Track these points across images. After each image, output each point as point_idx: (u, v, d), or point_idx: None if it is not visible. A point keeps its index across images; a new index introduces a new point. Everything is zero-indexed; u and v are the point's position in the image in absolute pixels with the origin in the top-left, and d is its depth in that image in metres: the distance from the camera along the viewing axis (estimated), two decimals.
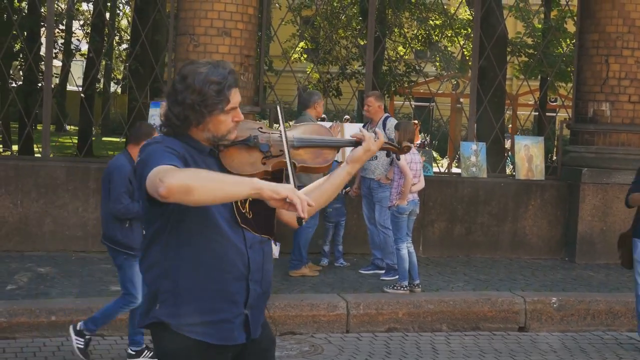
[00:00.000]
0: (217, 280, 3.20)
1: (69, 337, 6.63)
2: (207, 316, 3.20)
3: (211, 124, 3.19)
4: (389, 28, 21.19)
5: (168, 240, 3.18)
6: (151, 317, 3.23)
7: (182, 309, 3.18)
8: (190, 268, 3.18)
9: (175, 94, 3.18)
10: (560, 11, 19.40)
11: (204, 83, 3.14)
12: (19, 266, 8.98)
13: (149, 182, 2.95)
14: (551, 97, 25.71)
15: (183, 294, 3.18)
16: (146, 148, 3.14)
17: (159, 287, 3.21)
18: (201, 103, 3.14)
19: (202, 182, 2.89)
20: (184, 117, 3.17)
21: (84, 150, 11.72)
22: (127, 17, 31.10)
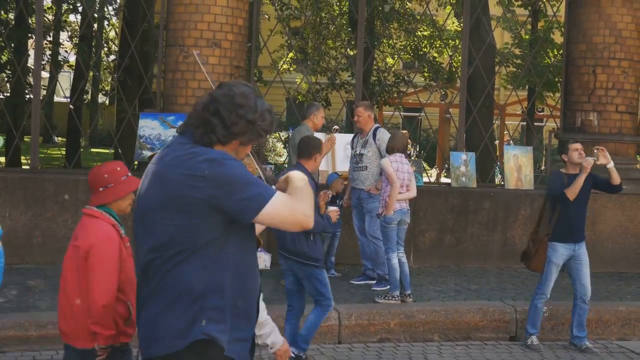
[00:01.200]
0: (248, 298, 3.23)
1: (58, 351, 6.58)
2: (238, 333, 3.21)
3: (242, 149, 3.24)
4: (377, 39, 21.24)
5: (216, 254, 3.12)
6: (197, 333, 3.14)
7: (231, 323, 3.17)
8: (232, 285, 3.17)
9: (233, 105, 3.16)
10: (547, 22, 19.51)
11: (264, 109, 3.20)
12: (8, 279, 8.89)
13: (277, 212, 3.04)
14: (538, 107, 25.82)
15: (228, 311, 3.16)
16: (225, 160, 3.08)
17: (204, 303, 3.14)
18: (262, 126, 3.19)
19: (309, 198, 3.14)
20: (237, 132, 3.17)
21: (73, 162, 11.68)
22: (115, 29, 31.07)
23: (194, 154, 3.12)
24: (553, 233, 7.93)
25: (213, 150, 3.14)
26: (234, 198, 3.03)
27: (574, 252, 7.98)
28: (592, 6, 11.54)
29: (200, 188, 3.06)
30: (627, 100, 11.56)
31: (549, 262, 7.94)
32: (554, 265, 7.94)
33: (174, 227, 3.13)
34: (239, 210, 3.04)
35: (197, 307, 3.14)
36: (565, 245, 7.95)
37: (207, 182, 3.05)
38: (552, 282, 7.99)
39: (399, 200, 8.69)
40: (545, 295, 8.02)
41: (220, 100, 3.17)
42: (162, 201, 3.12)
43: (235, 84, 3.24)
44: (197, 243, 3.12)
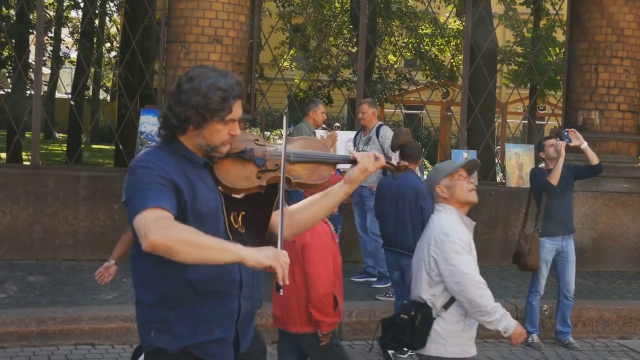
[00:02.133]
0: (212, 301, 3.16)
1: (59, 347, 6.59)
2: (204, 336, 3.17)
3: (207, 130, 3.12)
4: (379, 36, 21.22)
5: (157, 261, 3.05)
6: (147, 344, 3.19)
7: (178, 332, 3.14)
8: (181, 290, 3.12)
9: (179, 93, 3.12)
10: (549, 20, 19.47)
11: (210, 88, 3.10)
12: (8, 275, 8.92)
13: (135, 225, 2.92)
14: (540, 105, 25.79)
15: (178, 317, 3.14)
16: (137, 169, 3.05)
17: (154, 314, 3.16)
18: (204, 106, 3.09)
19: (186, 246, 2.86)
20: (185, 118, 3.11)
21: (74, 158, 11.66)
22: (116, 25, 31.05)
23: (134, 159, 3.15)
24: (541, 229, 7.96)
25: (144, 156, 3.11)
26: (127, 209, 3.01)
27: (561, 247, 8.00)
28: (594, 4, 11.51)
29: (124, 196, 3.08)
30: (629, 98, 11.54)
31: (541, 260, 7.96)
32: (543, 262, 7.99)
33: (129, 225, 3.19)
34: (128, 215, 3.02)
35: (147, 316, 3.19)
36: (553, 240, 7.98)
37: (124, 189, 3.07)
38: (544, 279, 8.02)
39: None
40: (538, 292, 8.05)
41: (172, 94, 3.17)
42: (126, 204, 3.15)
43: (189, 70, 3.21)
44: (136, 250, 3.13)
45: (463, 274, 4.39)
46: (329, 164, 3.35)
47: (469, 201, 4.60)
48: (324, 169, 3.34)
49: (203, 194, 3.12)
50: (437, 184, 4.62)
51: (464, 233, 4.51)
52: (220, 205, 3.19)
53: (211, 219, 3.13)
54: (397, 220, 7.57)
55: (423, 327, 4.48)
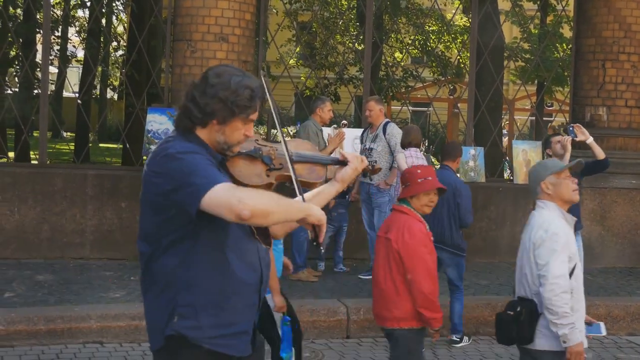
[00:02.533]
0: (238, 292, 3.19)
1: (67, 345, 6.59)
2: (228, 329, 3.19)
3: (229, 127, 3.17)
4: (386, 33, 21.19)
5: (189, 250, 3.11)
6: (169, 329, 3.16)
7: (203, 321, 3.15)
8: (209, 280, 3.14)
9: (206, 86, 3.15)
10: (556, 16, 19.43)
11: (239, 85, 3.15)
12: (17, 274, 8.95)
13: (216, 198, 2.90)
14: (547, 102, 25.73)
15: (203, 306, 3.14)
16: (182, 154, 3.05)
17: (177, 300, 3.15)
18: (234, 102, 3.13)
19: (277, 207, 2.96)
20: (210, 111, 3.14)
21: (81, 157, 11.68)
22: (123, 23, 31.07)
23: (161, 150, 3.13)
24: None
25: (177, 144, 3.12)
26: (180, 191, 3.00)
27: None
28: (601, 0, 11.48)
29: (158, 185, 3.07)
30: (637, 94, 11.50)
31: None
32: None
33: (150, 222, 3.18)
34: (183, 201, 3.00)
35: (173, 302, 3.16)
36: None
37: (162, 178, 3.06)
38: None
39: None
40: None
41: (195, 85, 3.19)
42: (141, 197, 3.17)
43: (216, 66, 3.25)
44: (169, 238, 3.13)
45: (550, 272, 4.52)
46: (322, 165, 3.51)
47: (572, 200, 4.80)
48: (319, 169, 3.50)
49: None
50: (543, 180, 4.75)
51: (564, 228, 4.65)
52: None
53: None
54: (434, 215, 7.60)
55: (528, 323, 4.64)
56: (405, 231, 5.14)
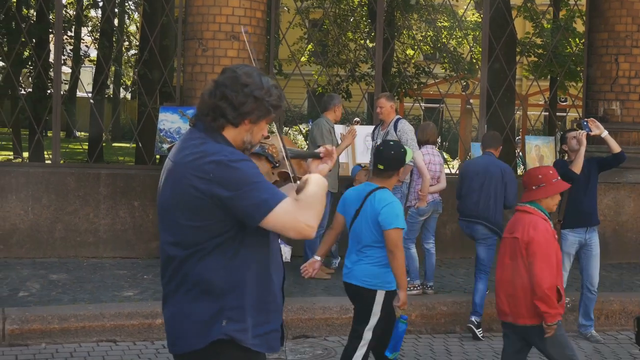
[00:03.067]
0: (272, 292, 3.25)
1: (81, 344, 6.61)
2: (265, 327, 3.24)
3: (257, 127, 3.21)
4: (397, 30, 21.17)
5: (234, 253, 3.14)
6: (216, 333, 3.16)
7: (249, 323, 3.18)
8: (254, 282, 3.18)
9: (238, 85, 3.16)
10: (569, 11, 19.34)
11: (270, 85, 3.20)
12: (31, 273, 8.99)
13: (280, 220, 3.01)
14: (561, 97, 25.63)
15: (249, 308, 3.18)
16: (237, 163, 3.06)
17: (224, 303, 3.16)
18: (269, 101, 3.17)
19: (322, 210, 3.11)
20: (246, 111, 3.16)
21: (94, 156, 11.72)
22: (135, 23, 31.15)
23: (202, 153, 3.10)
24: (563, 221, 7.90)
25: (222, 150, 3.11)
26: (240, 203, 3.02)
27: (585, 240, 7.92)
28: None
29: (204, 190, 3.06)
30: None
31: (562, 252, 7.89)
32: (565, 254, 7.87)
33: (188, 226, 3.15)
34: (244, 215, 3.05)
35: (217, 306, 3.16)
36: (575, 233, 7.91)
37: (212, 185, 3.05)
38: (566, 272, 7.93)
39: (431, 192, 8.74)
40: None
41: (225, 84, 3.18)
42: (174, 200, 3.15)
43: (238, 66, 3.25)
44: (212, 242, 3.13)
45: None
46: (304, 159, 3.63)
47: None
48: (302, 163, 3.61)
49: None
50: None
51: None
52: None
53: None
54: (482, 192, 8.17)
55: None
56: (530, 229, 5.35)
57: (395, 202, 5.70)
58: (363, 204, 5.70)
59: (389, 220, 5.58)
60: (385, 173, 5.76)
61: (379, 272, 5.67)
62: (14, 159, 19.80)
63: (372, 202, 5.66)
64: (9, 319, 7.15)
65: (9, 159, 20.44)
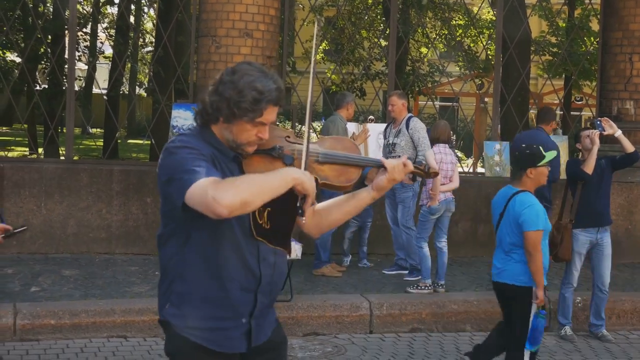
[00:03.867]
0: (222, 288, 3.19)
1: (92, 339, 6.64)
2: (208, 322, 3.21)
3: (235, 127, 3.15)
4: (412, 28, 21.14)
5: (184, 242, 3.18)
6: (162, 315, 3.28)
7: (186, 311, 3.20)
8: (199, 273, 3.18)
9: (219, 83, 3.16)
10: (583, 9, 19.27)
11: (247, 86, 3.10)
12: (43, 268, 9.04)
13: (193, 196, 2.90)
14: (576, 96, 25.52)
15: (190, 297, 3.20)
16: (176, 149, 3.08)
17: (172, 287, 3.23)
18: (235, 103, 3.10)
19: (257, 195, 2.90)
20: (217, 108, 3.14)
21: (107, 153, 11.76)
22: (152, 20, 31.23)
23: (167, 143, 3.18)
24: (575, 220, 7.87)
25: (179, 138, 3.15)
26: (170, 184, 3.02)
27: (596, 240, 7.89)
28: None
29: (159, 177, 3.12)
30: None
31: (572, 251, 7.88)
32: (576, 254, 7.88)
33: (162, 211, 3.25)
34: (172, 195, 3.02)
35: (166, 288, 3.27)
36: (586, 232, 7.87)
37: (161, 171, 3.11)
38: (577, 271, 7.92)
39: (442, 191, 8.71)
40: (571, 284, 7.96)
41: (215, 82, 3.20)
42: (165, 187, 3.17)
43: (238, 63, 3.23)
44: (169, 228, 3.21)
45: None
46: (357, 166, 3.34)
47: None
48: (352, 171, 3.33)
49: None
50: None
51: None
52: None
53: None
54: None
55: None
56: None
57: (535, 204, 5.88)
58: (506, 207, 5.94)
59: (529, 222, 5.79)
60: (516, 174, 6.01)
61: (528, 270, 5.89)
62: (29, 154, 19.90)
63: (513, 205, 5.88)
64: (20, 313, 7.20)
65: (25, 155, 20.54)
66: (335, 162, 3.30)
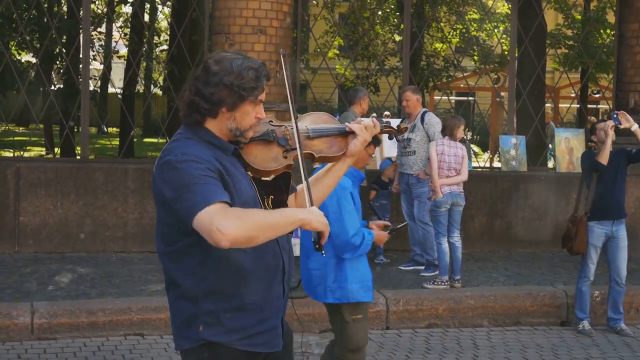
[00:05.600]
0: (262, 289, 3.14)
1: (109, 338, 6.65)
2: (257, 327, 3.15)
3: (239, 113, 3.11)
4: (426, 23, 21.08)
5: (204, 256, 3.05)
6: (195, 339, 3.12)
7: (229, 325, 3.10)
8: (233, 283, 3.09)
9: (208, 75, 3.09)
10: (599, 1, 19.14)
11: (242, 67, 3.09)
12: (60, 267, 9.06)
13: (200, 223, 2.85)
14: (593, 89, 25.38)
15: (227, 311, 3.09)
16: (180, 163, 2.97)
17: (198, 308, 3.10)
18: (240, 86, 3.07)
19: (262, 230, 2.90)
20: (218, 100, 3.08)
21: (122, 151, 11.77)
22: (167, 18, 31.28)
23: (165, 152, 3.08)
24: (590, 213, 7.82)
25: (178, 148, 3.04)
26: (177, 206, 2.95)
27: (611, 232, 7.83)
28: None
29: (162, 190, 3.02)
30: None
31: (587, 244, 7.82)
32: (591, 247, 7.82)
33: (162, 223, 3.13)
34: (181, 214, 2.96)
35: (192, 310, 3.11)
36: (602, 225, 7.81)
37: (166, 185, 3.00)
38: (593, 264, 7.86)
39: (447, 184, 8.65)
40: (588, 278, 7.90)
41: (198, 77, 3.13)
42: (154, 195, 3.12)
43: (213, 54, 3.18)
44: (181, 244, 3.08)
45: None
46: (343, 136, 3.40)
47: None
48: (340, 139, 3.40)
49: (241, 181, 3.11)
50: None
51: None
52: (255, 191, 3.18)
53: (252, 207, 3.10)
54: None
55: None
56: None
57: None
58: None
59: None
60: None
61: None
62: (46, 154, 19.97)
63: None
64: (38, 312, 7.21)
65: (41, 155, 20.63)
66: (323, 135, 3.38)
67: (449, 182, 8.66)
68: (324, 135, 3.38)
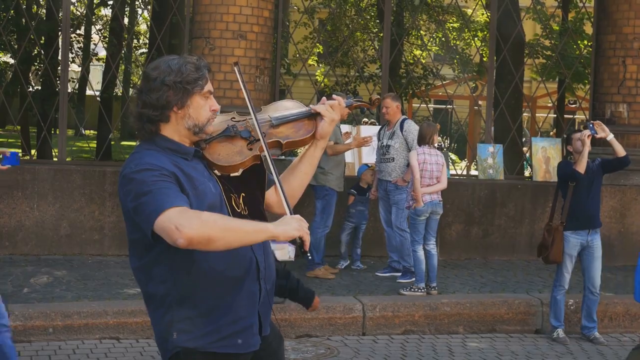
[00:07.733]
0: (235, 287, 3.13)
1: (84, 341, 6.63)
2: (232, 327, 3.14)
3: (192, 108, 3.10)
4: (406, 31, 21.15)
5: (171, 266, 3.05)
6: (172, 347, 3.12)
7: (204, 329, 3.10)
8: (204, 288, 3.08)
9: (150, 83, 3.08)
10: (577, 13, 19.30)
11: (180, 64, 3.10)
12: (35, 269, 9.01)
13: (159, 226, 2.85)
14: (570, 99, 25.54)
15: (203, 314, 3.09)
16: (135, 174, 2.98)
17: (173, 316, 3.09)
18: (182, 80, 3.07)
19: (223, 233, 2.87)
20: (165, 102, 3.07)
21: (100, 154, 11.73)
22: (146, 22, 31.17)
23: (123, 166, 3.08)
24: (565, 222, 7.88)
25: (133, 160, 3.05)
26: (138, 214, 2.95)
27: (586, 242, 7.90)
28: None
29: (125, 203, 3.03)
30: None
31: (562, 253, 7.88)
32: (567, 256, 7.88)
33: (131, 239, 3.12)
34: (141, 224, 2.96)
35: (168, 319, 3.11)
36: (577, 234, 7.88)
37: (126, 198, 3.01)
38: (568, 274, 7.93)
39: (428, 192, 8.67)
40: (563, 287, 7.97)
41: (140, 89, 3.13)
42: (122, 211, 3.12)
43: (149, 65, 3.19)
44: (151, 254, 3.07)
45: None
46: (309, 118, 3.40)
47: None
48: (306, 122, 3.40)
49: (203, 183, 3.10)
50: None
51: None
52: (221, 191, 3.18)
53: (215, 208, 3.08)
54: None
55: None
56: None
57: None
58: None
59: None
60: None
61: None
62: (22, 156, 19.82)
63: None
64: (13, 315, 7.13)
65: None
66: (288, 121, 3.38)
67: (430, 190, 8.69)
68: (288, 121, 3.37)
